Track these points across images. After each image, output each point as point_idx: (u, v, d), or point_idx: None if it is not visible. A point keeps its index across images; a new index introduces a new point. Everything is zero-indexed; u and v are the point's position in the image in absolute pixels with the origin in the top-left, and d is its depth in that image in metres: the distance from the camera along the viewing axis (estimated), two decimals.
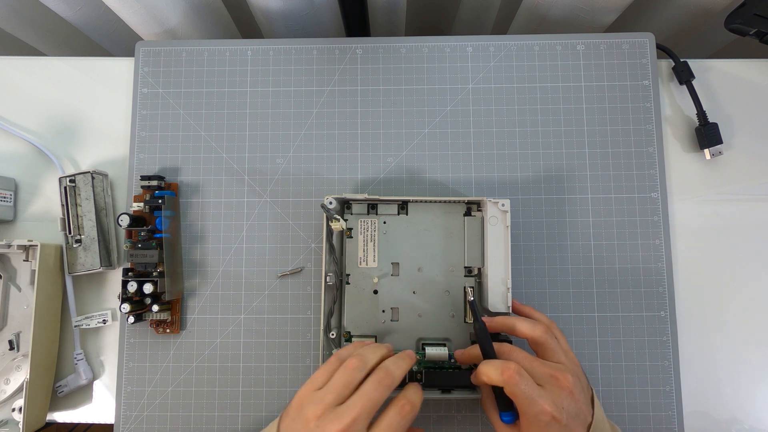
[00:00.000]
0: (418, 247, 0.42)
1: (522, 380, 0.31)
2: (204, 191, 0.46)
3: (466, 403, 0.43)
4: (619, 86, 0.46)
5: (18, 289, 0.44)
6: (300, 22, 0.51)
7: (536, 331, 0.34)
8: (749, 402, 0.43)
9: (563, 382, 0.32)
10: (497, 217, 0.40)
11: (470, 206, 0.42)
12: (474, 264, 0.41)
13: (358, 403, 0.30)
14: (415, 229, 0.42)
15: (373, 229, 0.42)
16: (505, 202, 0.39)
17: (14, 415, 0.41)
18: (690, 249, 0.45)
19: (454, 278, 0.42)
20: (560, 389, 0.31)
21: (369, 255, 0.42)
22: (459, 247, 0.42)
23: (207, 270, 0.45)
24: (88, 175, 0.43)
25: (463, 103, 0.46)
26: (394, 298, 0.41)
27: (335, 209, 0.40)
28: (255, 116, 0.46)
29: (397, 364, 0.32)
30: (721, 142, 0.45)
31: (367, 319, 0.41)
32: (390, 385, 0.31)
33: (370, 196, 0.41)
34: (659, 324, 0.43)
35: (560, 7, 0.48)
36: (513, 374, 0.31)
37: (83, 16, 0.53)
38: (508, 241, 0.39)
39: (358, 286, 0.42)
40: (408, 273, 0.42)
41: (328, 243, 0.40)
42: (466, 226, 0.42)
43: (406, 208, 0.43)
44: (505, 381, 0.31)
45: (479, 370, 0.33)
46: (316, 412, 0.30)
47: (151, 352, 0.44)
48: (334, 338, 0.40)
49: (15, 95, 0.48)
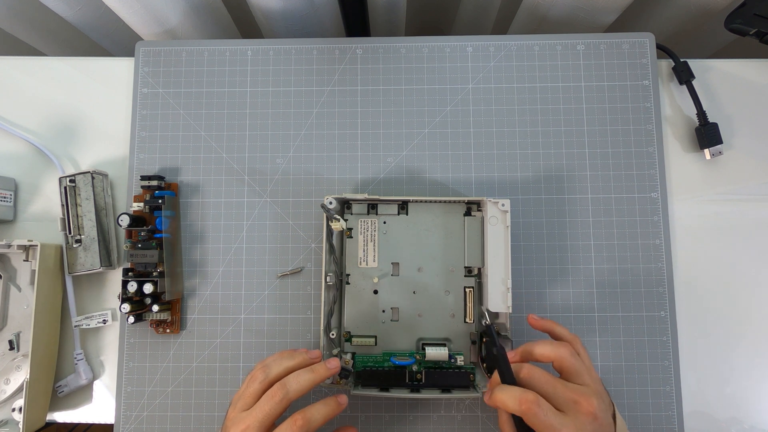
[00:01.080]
0: (418, 247, 0.42)
1: (541, 411, 0.30)
2: (204, 191, 0.46)
3: (467, 404, 0.43)
4: (619, 86, 0.46)
5: (18, 289, 0.44)
6: (300, 22, 0.51)
7: (559, 352, 0.33)
8: (749, 402, 0.43)
9: (587, 407, 0.30)
10: (497, 217, 0.40)
11: (470, 206, 0.42)
12: (474, 264, 0.41)
13: (252, 414, 0.32)
14: (415, 229, 0.42)
15: (373, 229, 0.42)
16: (505, 202, 0.39)
17: (14, 415, 0.41)
18: (690, 249, 0.45)
19: (454, 278, 0.42)
20: (584, 415, 0.30)
21: (369, 255, 0.42)
22: (459, 247, 0.42)
23: (207, 270, 0.45)
24: (88, 175, 0.43)
25: (463, 103, 0.46)
26: (395, 298, 0.41)
27: (335, 209, 0.40)
28: (255, 116, 0.46)
29: (298, 378, 0.33)
30: (721, 142, 0.45)
31: (367, 318, 0.41)
32: (281, 399, 0.32)
33: (370, 196, 0.41)
34: (659, 324, 0.43)
35: (560, 7, 0.48)
36: (531, 405, 0.30)
37: (83, 16, 0.53)
38: (508, 241, 0.39)
39: (358, 286, 0.42)
40: (408, 273, 0.42)
41: (328, 243, 0.40)
42: (466, 226, 0.42)
43: (406, 208, 0.43)
44: (523, 412, 0.30)
45: (496, 396, 0.32)
46: (230, 415, 0.33)
47: (151, 352, 0.44)
48: (334, 338, 0.40)
49: (15, 95, 0.48)
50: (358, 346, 0.41)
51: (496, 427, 0.42)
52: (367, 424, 0.43)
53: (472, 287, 0.41)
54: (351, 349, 0.41)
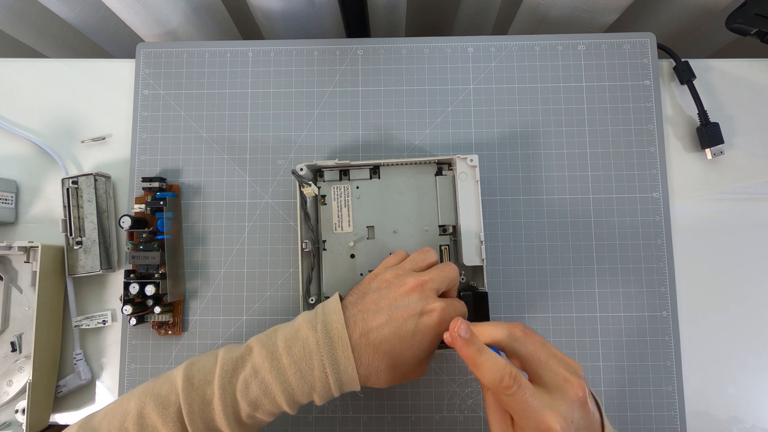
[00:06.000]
0: (392, 209, 0.42)
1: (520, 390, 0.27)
2: (205, 192, 0.46)
3: (469, 404, 0.43)
4: (620, 86, 0.46)
5: (19, 290, 0.44)
6: (300, 22, 0.51)
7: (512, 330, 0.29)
8: (751, 401, 0.43)
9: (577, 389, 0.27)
10: (467, 173, 0.41)
11: (441, 167, 0.43)
12: (448, 222, 0.42)
13: (434, 272, 0.34)
14: (388, 192, 0.42)
15: (347, 195, 0.42)
16: (473, 157, 0.40)
17: (17, 416, 0.41)
18: (692, 249, 0.45)
19: (430, 238, 0.42)
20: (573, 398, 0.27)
21: (344, 220, 0.42)
22: (432, 207, 0.42)
23: (209, 271, 0.45)
24: (91, 177, 0.43)
25: (464, 103, 0.46)
26: (371, 261, 0.42)
27: (306, 176, 0.41)
28: (256, 117, 0.46)
29: None
30: (722, 141, 0.45)
31: (345, 283, 0.42)
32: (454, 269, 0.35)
33: (340, 162, 0.41)
34: (661, 324, 0.43)
35: (560, 7, 0.48)
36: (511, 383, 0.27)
37: (84, 18, 0.53)
38: (478, 196, 0.40)
39: (335, 251, 0.42)
40: (383, 236, 0.42)
41: (302, 211, 0.41)
42: (437, 185, 0.42)
43: (378, 172, 0.43)
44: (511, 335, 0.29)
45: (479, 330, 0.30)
46: (397, 272, 0.34)
47: (153, 353, 0.44)
48: (313, 303, 0.40)
49: (16, 98, 0.48)
50: None
51: None
52: (370, 425, 0.43)
53: (448, 245, 0.42)
54: None
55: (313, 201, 0.43)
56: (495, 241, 0.44)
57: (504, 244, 0.44)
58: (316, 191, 0.41)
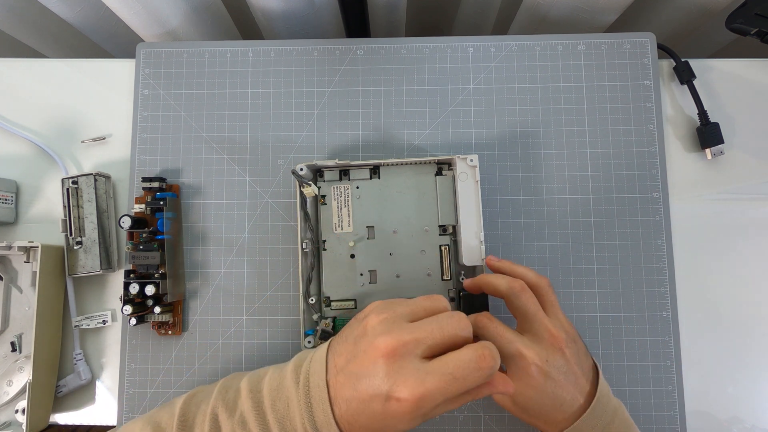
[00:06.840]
0: (392, 209, 0.42)
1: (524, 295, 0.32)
2: (205, 192, 0.46)
3: (469, 405, 0.43)
4: (620, 86, 0.46)
5: (19, 290, 0.44)
6: (300, 22, 0.51)
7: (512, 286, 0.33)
8: (751, 401, 0.43)
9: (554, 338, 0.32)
10: (467, 173, 0.41)
11: (441, 167, 0.43)
12: (448, 222, 0.42)
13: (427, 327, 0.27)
14: (388, 192, 0.43)
15: (347, 195, 0.42)
16: (473, 157, 0.40)
17: (17, 416, 0.41)
18: (692, 249, 0.45)
19: (430, 238, 0.42)
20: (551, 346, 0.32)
21: (344, 220, 0.42)
22: (432, 207, 0.42)
23: (209, 272, 0.45)
24: (91, 177, 0.43)
25: (464, 103, 0.46)
26: (371, 261, 0.42)
27: (306, 176, 0.41)
28: (256, 117, 0.46)
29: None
30: (722, 141, 0.45)
31: (345, 283, 0.42)
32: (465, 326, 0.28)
33: (340, 162, 0.41)
34: (661, 324, 0.43)
35: (560, 7, 0.48)
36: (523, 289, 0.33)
37: (84, 18, 0.53)
38: (478, 195, 0.40)
39: (335, 251, 0.42)
40: (383, 236, 0.42)
41: (302, 211, 0.41)
42: (437, 185, 0.42)
43: (378, 172, 0.43)
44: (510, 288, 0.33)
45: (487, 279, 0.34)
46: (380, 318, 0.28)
47: (153, 353, 0.44)
48: (313, 304, 0.41)
49: (16, 98, 0.48)
50: (337, 310, 0.42)
51: (498, 428, 0.42)
52: None
53: (448, 245, 0.42)
54: (331, 314, 0.42)
55: (313, 201, 0.43)
56: (495, 241, 0.44)
57: (504, 244, 0.44)
58: (316, 191, 0.41)
